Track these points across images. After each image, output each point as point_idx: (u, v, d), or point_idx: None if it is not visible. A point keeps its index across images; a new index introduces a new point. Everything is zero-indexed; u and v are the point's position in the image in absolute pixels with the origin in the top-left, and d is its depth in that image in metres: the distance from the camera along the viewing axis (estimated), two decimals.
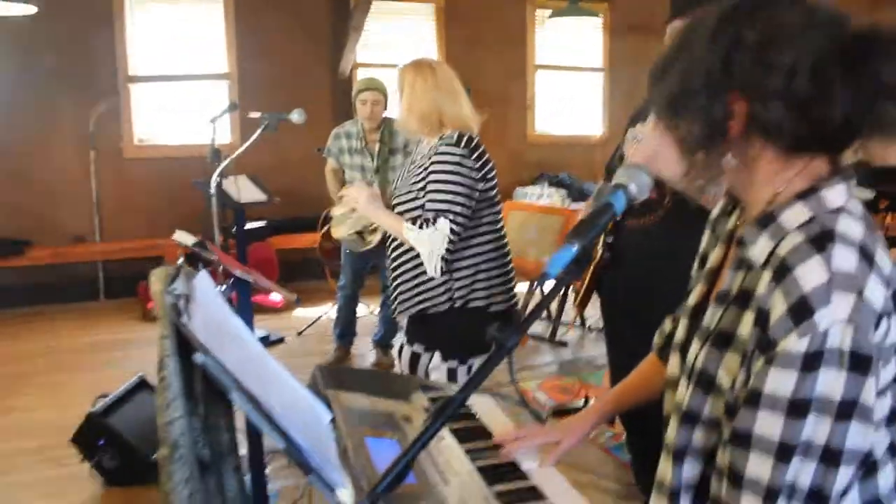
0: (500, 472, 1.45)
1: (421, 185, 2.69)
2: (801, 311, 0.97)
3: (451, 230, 2.62)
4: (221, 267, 2.42)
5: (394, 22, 7.45)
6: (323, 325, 5.52)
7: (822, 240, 1.01)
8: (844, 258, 1.00)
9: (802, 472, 1.00)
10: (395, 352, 2.98)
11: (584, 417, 1.62)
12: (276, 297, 6.26)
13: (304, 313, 5.89)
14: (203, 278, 1.09)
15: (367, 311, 5.78)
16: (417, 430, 1.57)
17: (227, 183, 3.71)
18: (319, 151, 4.98)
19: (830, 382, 0.97)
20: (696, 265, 1.39)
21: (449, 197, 2.62)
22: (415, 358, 2.88)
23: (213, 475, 1.16)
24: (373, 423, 1.52)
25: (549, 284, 1.14)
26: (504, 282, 2.83)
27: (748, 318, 1.07)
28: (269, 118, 3.60)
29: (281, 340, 5.39)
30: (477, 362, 2.87)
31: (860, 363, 0.97)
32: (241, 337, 1.09)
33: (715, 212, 1.35)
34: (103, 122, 6.48)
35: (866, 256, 1.01)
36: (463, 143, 2.66)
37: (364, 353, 5.13)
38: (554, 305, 5.35)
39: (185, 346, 0.98)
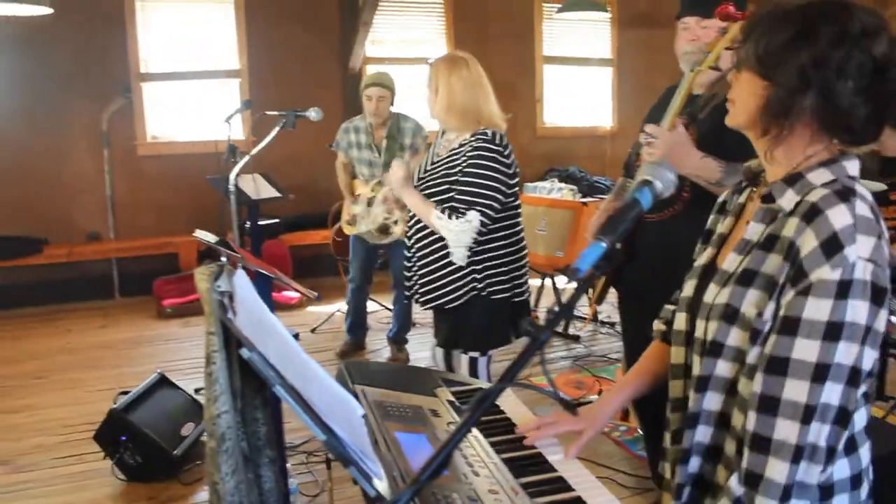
0: (526, 463, 1.48)
1: (453, 176, 2.76)
2: (833, 245, 1.13)
3: (481, 222, 2.71)
4: (241, 264, 2.45)
5: (402, 17, 7.47)
6: (337, 322, 5.56)
7: (846, 193, 1.19)
8: (864, 209, 1.17)
9: (834, 393, 1.14)
10: (431, 353, 3.10)
11: (603, 405, 1.63)
12: (290, 293, 6.30)
13: (317, 310, 5.93)
14: (242, 276, 1.12)
15: (379, 306, 5.82)
16: (445, 424, 1.60)
17: (242, 180, 3.73)
18: (331, 147, 5.01)
19: (858, 309, 1.12)
20: (699, 242, 1.54)
21: (483, 191, 2.71)
22: (447, 357, 2.97)
23: (251, 468, 1.19)
24: (401, 418, 1.55)
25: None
26: (523, 273, 2.93)
27: (775, 257, 1.22)
28: (287, 116, 3.62)
29: (296, 337, 5.40)
30: (494, 353, 2.96)
31: (878, 294, 1.14)
32: (278, 332, 1.12)
33: (721, 198, 1.53)
34: (116, 120, 6.53)
35: (875, 213, 1.19)
36: (498, 140, 2.76)
37: (378, 350, 5.16)
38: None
39: (228, 341, 1.01)
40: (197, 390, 4.09)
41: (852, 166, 1.26)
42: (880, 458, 1.42)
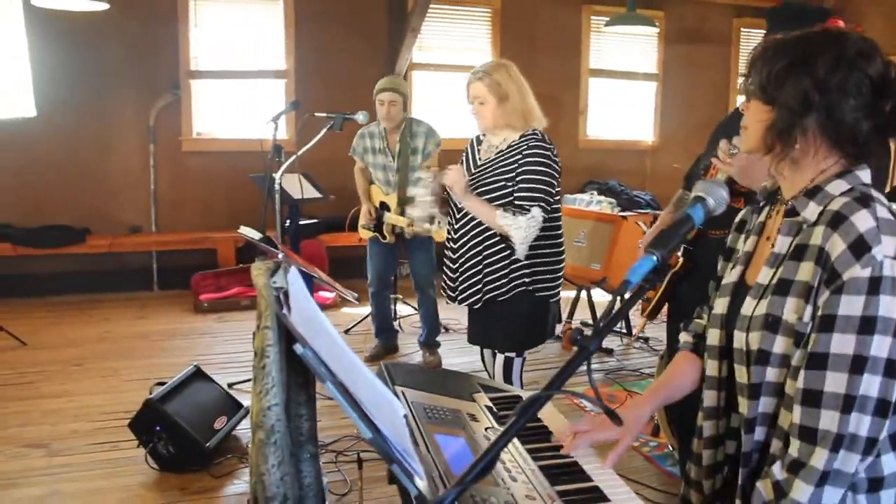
0: (562, 471, 1.48)
1: (510, 175, 2.87)
2: (861, 246, 1.22)
3: (543, 217, 2.84)
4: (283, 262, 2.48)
5: (450, 24, 7.50)
6: (370, 323, 5.58)
7: (865, 199, 1.28)
8: (884, 212, 1.27)
9: (872, 384, 1.21)
10: (483, 359, 3.21)
11: (635, 413, 1.65)
12: (325, 293, 6.35)
13: (352, 311, 5.96)
14: (295, 274, 1.14)
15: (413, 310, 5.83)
16: (483, 428, 1.61)
17: (286, 179, 3.78)
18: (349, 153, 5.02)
19: (889, 304, 1.21)
20: (720, 260, 1.63)
21: (543, 186, 2.85)
22: (508, 363, 3.05)
23: (293, 462, 1.21)
24: (441, 421, 1.56)
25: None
26: (561, 273, 3.05)
27: (806, 265, 1.31)
28: (335, 118, 3.66)
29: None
30: (528, 354, 3.06)
31: None
32: (327, 331, 1.14)
33: (739, 217, 1.63)
34: (164, 116, 6.64)
35: (895, 215, 1.28)
36: (548, 140, 2.93)
37: (410, 353, 5.17)
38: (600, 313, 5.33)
39: (280, 336, 1.03)
40: (231, 385, 4.14)
41: (865, 175, 1.35)
42: None
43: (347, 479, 3.30)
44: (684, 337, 1.71)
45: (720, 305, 1.52)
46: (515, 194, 2.86)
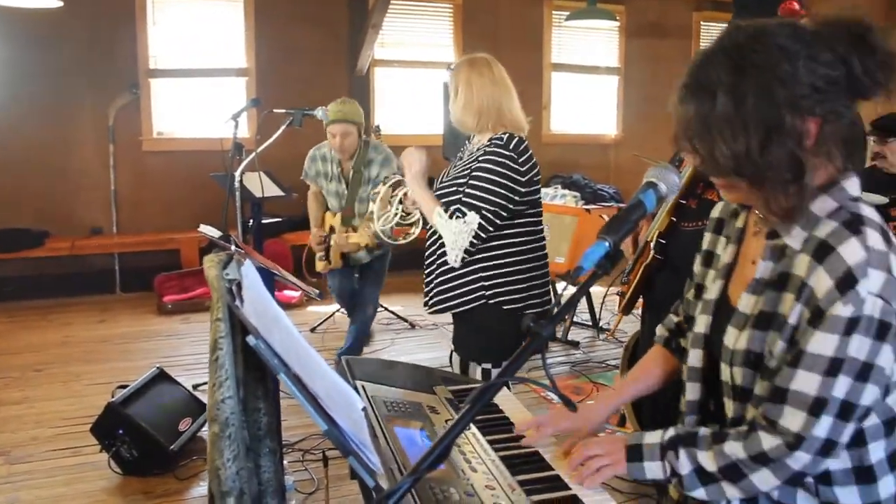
0: (523, 461, 1.49)
1: (463, 179, 2.72)
2: (847, 282, 1.13)
3: (480, 225, 2.64)
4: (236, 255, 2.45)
5: (412, 20, 7.50)
6: (337, 322, 5.57)
7: (855, 224, 1.17)
8: (875, 239, 1.16)
9: (826, 425, 1.17)
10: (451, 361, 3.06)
11: (600, 406, 1.66)
12: (290, 292, 6.31)
13: (317, 309, 5.93)
14: (250, 266, 1.13)
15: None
16: (443, 420, 1.61)
17: (247, 177, 3.74)
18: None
19: (859, 345, 1.14)
20: (698, 262, 1.53)
21: (486, 195, 2.64)
22: (486, 374, 2.90)
23: (251, 457, 1.20)
24: (400, 413, 1.56)
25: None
26: (541, 284, 2.84)
27: (788, 297, 1.22)
28: (294, 114, 3.63)
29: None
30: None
31: (882, 331, 1.14)
32: (283, 323, 1.13)
33: (715, 214, 1.50)
34: (123, 115, 6.55)
35: (886, 238, 1.18)
36: (512, 146, 2.68)
37: (380, 350, 5.16)
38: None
39: (234, 329, 1.02)
40: (195, 386, 4.10)
41: (853, 186, 1.24)
42: None
43: (314, 478, 3.29)
44: (659, 330, 1.69)
45: (702, 324, 1.44)
46: (461, 198, 2.69)
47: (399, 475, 1.24)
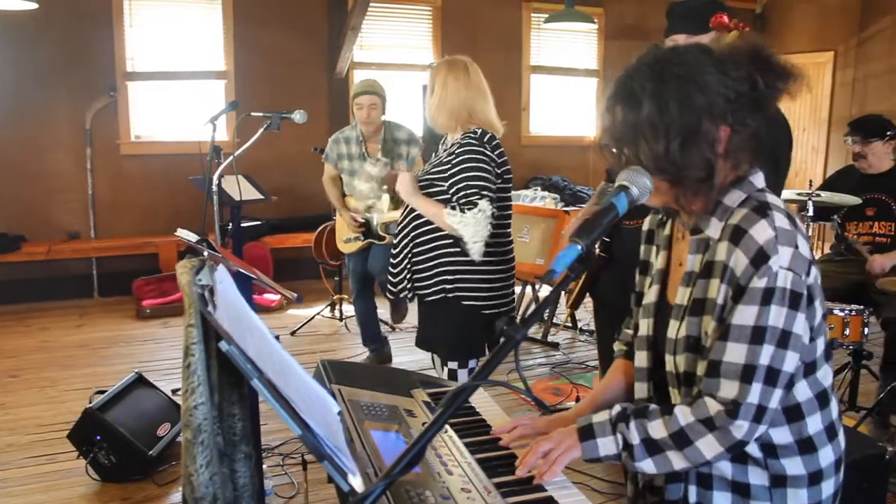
0: (500, 463, 1.49)
1: (447, 176, 2.78)
2: (760, 258, 1.28)
3: (491, 210, 2.72)
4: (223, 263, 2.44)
5: (391, 23, 7.49)
6: (316, 325, 5.55)
7: (762, 209, 1.33)
8: (782, 220, 1.32)
9: (756, 391, 1.29)
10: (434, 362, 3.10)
11: (577, 417, 1.66)
12: (270, 296, 6.29)
13: (298, 312, 5.92)
14: (223, 271, 1.13)
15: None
16: (420, 423, 1.61)
17: (225, 181, 3.72)
18: (316, 151, 4.96)
19: (777, 314, 1.28)
20: (637, 273, 1.67)
21: (482, 182, 2.72)
22: (452, 375, 2.93)
23: (226, 462, 1.20)
24: (377, 417, 1.56)
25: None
26: (505, 285, 2.90)
27: (714, 282, 1.35)
28: (272, 117, 3.62)
29: (276, 339, 5.40)
30: (474, 364, 2.94)
31: (794, 300, 1.30)
32: (257, 329, 1.13)
33: (645, 226, 1.66)
34: (100, 118, 6.50)
35: (791, 219, 1.33)
36: (486, 139, 2.78)
37: (359, 354, 5.16)
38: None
39: (207, 335, 1.02)
40: (174, 391, 4.07)
41: (758, 180, 1.41)
42: (852, 464, 1.53)
43: (294, 482, 3.28)
44: (617, 346, 1.76)
45: (644, 326, 1.57)
46: (457, 195, 2.75)
47: (375, 478, 1.25)
